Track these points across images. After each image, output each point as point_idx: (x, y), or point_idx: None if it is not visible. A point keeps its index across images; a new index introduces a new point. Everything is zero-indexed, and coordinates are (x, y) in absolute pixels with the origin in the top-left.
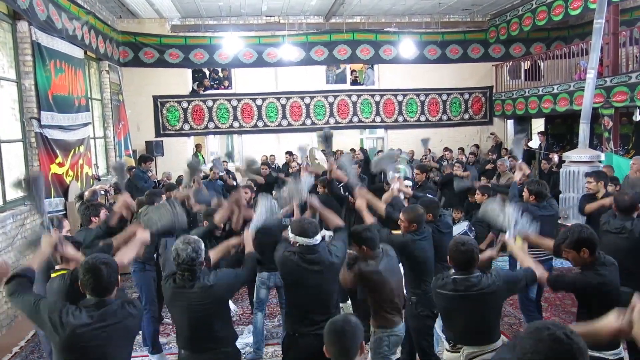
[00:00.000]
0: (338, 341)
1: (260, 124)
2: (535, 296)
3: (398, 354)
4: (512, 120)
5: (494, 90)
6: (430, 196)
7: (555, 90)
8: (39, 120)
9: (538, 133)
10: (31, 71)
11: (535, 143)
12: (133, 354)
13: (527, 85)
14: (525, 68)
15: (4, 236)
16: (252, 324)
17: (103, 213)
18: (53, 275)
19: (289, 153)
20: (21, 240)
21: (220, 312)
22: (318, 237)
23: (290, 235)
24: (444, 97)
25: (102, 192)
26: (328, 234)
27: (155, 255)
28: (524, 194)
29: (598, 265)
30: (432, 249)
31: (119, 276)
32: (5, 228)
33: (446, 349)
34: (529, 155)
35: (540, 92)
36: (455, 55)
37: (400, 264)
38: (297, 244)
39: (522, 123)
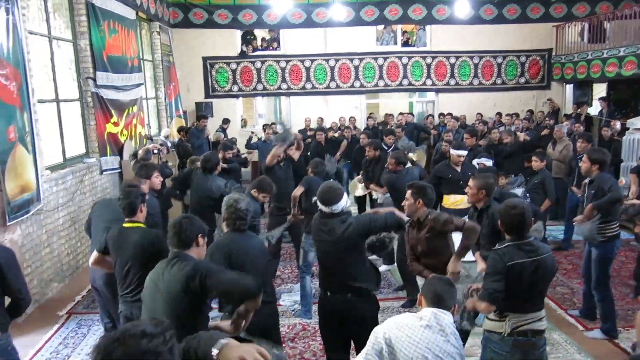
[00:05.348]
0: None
1: (308, 86)
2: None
3: None
4: (571, 85)
5: (554, 53)
6: (484, 160)
7: (621, 53)
8: (94, 80)
9: (599, 99)
10: (86, 31)
11: (595, 109)
12: None
13: (590, 47)
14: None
15: (65, 192)
16: (300, 286)
17: (155, 176)
18: (127, 225)
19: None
20: (80, 196)
21: None
22: (337, 206)
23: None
24: (499, 60)
25: (155, 151)
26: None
27: None
28: (583, 163)
29: None
30: None
31: None
32: (66, 184)
33: (488, 317)
34: (587, 122)
35: (605, 55)
36: (513, 16)
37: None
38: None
39: (583, 88)
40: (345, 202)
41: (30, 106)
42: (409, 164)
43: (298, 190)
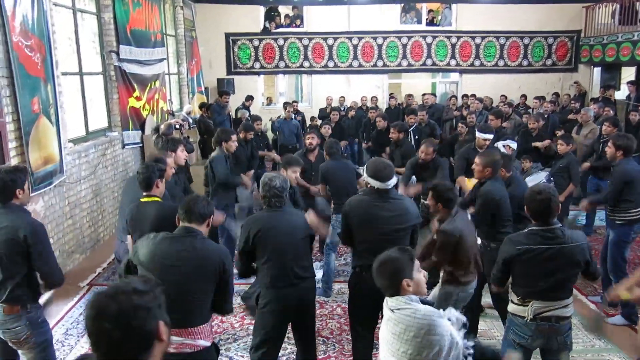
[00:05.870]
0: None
1: (330, 64)
2: None
3: None
4: (599, 68)
5: (582, 35)
6: (509, 142)
7: None
8: (117, 53)
9: (628, 83)
10: (110, 4)
11: (623, 93)
12: None
13: (620, 29)
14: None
15: (87, 164)
16: (324, 262)
17: (180, 150)
18: (144, 200)
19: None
20: (102, 169)
21: None
22: (392, 181)
23: (365, 177)
24: (526, 41)
25: (177, 126)
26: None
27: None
28: (608, 148)
29: None
30: None
31: None
32: (89, 157)
33: (512, 301)
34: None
35: (636, 37)
36: None
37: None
38: (369, 186)
39: (611, 71)
40: (395, 179)
41: (54, 78)
42: None
43: (322, 188)
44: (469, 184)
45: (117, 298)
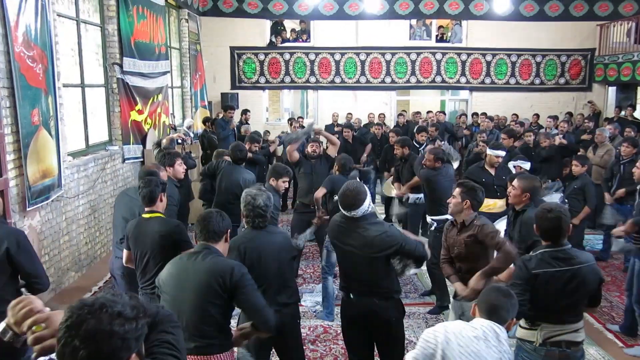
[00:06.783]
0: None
1: (337, 80)
2: None
3: None
4: (614, 88)
5: (596, 53)
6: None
7: None
8: (121, 66)
9: None
10: (114, 16)
11: (638, 113)
12: None
13: (636, 48)
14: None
15: (86, 179)
16: (322, 286)
17: (178, 164)
18: (146, 216)
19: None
20: (101, 184)
21: None
22: (357, 212)
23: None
24: (538, 59)
25: (179, 141)
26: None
27: None
28: (636, 169)
29: None
30: None
31: None
32: (88, 171)
33: (520, 325)
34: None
35: None
36: (555, 13)
37: None
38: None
39: (626, 91)
40: (368, 206)
41: (55, 90)
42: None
43: (320, 192)
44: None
45: (98, 316)
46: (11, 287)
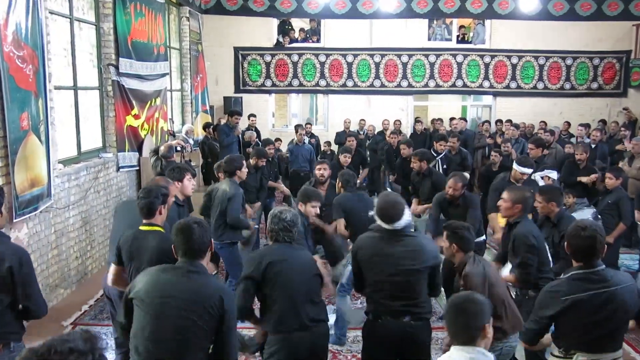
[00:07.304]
0: (456, 319)
1: (349, 83)
2: None
3: None
4: None
5: (632, 56)
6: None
7: None
8: (116, 67)
9: None
10: (110, 14)
11: None
12: None
13: None
14: None
15: (77, 188)
16: (336, 307)
17: (187, 179)
18: (143, 228)
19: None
20: (94, 194)
21: None
22: (400, 223)
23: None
24: (569, 62)
25: (178, 148)
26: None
27: None
28: None
29: None
30: None
31: None
32: (80, 180)
33: (552, 354)
34: None
35: None
36: (587, 12)
37: None
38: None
39: None
40: (409, 216)
41: (46, 92)
42: None
43: (341, 225)
44: (502, 221)
45: (50, 359)
46: (12, 312)
